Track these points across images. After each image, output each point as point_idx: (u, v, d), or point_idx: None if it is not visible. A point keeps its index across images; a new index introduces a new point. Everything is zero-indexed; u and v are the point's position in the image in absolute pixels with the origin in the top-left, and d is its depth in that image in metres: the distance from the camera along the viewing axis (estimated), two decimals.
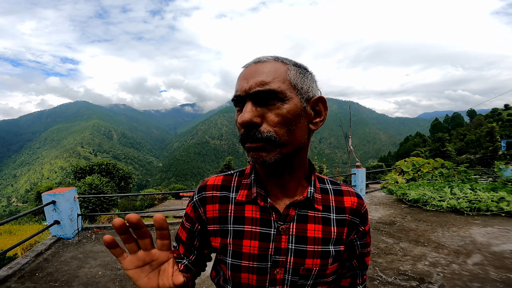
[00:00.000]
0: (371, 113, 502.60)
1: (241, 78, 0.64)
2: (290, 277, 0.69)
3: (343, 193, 0.77)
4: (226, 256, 0.71)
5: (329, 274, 0.72)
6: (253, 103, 0.62)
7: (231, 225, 0.71)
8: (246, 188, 0.74)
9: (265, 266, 0.68)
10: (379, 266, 3.66)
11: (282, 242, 0.69)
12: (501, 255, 3.83)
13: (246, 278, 0.69)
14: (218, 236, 0.73)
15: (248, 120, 0.60)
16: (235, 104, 0.67)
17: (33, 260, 4.03)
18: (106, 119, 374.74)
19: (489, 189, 7.11)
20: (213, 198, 0.75)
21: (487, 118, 63.93)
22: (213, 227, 0.73)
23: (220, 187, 0.76)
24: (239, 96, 0.63)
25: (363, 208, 0.77)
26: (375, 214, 6.36)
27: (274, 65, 0.63)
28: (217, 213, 0.73)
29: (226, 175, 0.79)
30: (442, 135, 43.63)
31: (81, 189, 15.46)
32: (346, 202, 0.75)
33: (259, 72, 0.62)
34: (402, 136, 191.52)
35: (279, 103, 0.61)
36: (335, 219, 0.73)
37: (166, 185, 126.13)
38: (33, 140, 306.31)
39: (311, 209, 0.72)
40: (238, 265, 0.69)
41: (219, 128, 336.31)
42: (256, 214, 0.71)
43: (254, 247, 0.69)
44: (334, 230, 0.72)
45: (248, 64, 0.66)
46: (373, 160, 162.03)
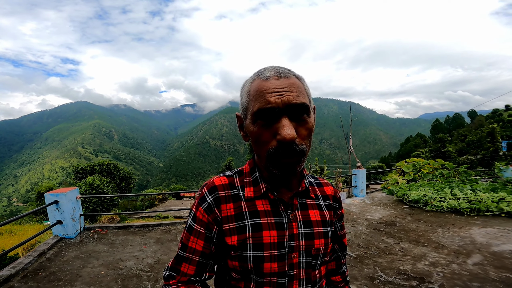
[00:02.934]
0: (371, 113, 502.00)
1: (269, 91, 0.66)
2: (304, 259, 0.77)
3: (322, 184, 0.92)
4: (246, 250, 0.74)
5: (328, 253, 0.84)
6: (289, 119, 0.66)
7: (248, 219, 0.76)
8: (251, 185, 0.80)
9: (283, 253, 0.75)
10: (379, 266, 3.68)
11: (294, 228, 0.77)
12: (501, 255, 3.85)
13: (269, 267, 0.74)
14: (234, 234, 0.75)
15: (294, 136, 0.64)
16: (258, 117, 0.68)
17: (36, 259, 4.05)
18: (107, 120, 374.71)
19: (489, 190, 7.13)
20: (226, 198, 0.78)
21: (488, 118, 63.83)
22: (229, 226, 0.76)
23: (229, 186, 0.81)
24: (272, 109, 0.65)
25: (337, 194, 0.93)
26: (375, 215, 6.37)
27: (295, 80, 0.69)
28: (232, 211, 0.77)
29: (228, 176, 0.83)
30: (442, 136, 43.59)
31: (82, 189, 15.45)
32: (326, 191, 0.90)
33: (292, 86, 0.67)
34: (403, 136, 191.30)
35: (307, 118, 0.69)
36: (324, 205, 0.86)
37: (166, 185, 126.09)
38: (34, 140, 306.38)
39: (308, 198, 0.83)
40: (260, 256, 0.74)
41: (220, 129, 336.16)
42: (267, 207, 0.77)
43: (273, 236, 0.75)
44: (326, 213, 0.85)
45: (269, 77, 0.68)
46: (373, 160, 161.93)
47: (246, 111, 0.73)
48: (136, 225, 5.84)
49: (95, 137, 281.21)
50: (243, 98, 0.74)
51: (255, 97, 0.68)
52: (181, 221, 6.29)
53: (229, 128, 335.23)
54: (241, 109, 0.76)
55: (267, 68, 0.72)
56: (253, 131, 0.70)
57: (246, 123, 0.73)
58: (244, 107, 0.74)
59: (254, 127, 0.69)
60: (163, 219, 13.51)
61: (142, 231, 5.57)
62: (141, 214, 17.79)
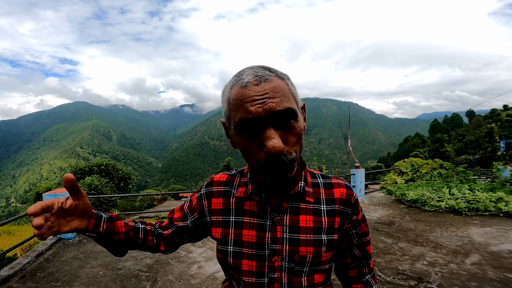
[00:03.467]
0: (370, 113, 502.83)
1: (249, 100, 0.60)
2: (286, 264, 0.74)
3: (332, 186, 0.81)
4: (228, 245, 0.78)
5: (324, 262, 0.76)
6: (274, 128, 0.61)
7: (233, 216, 0.79)
8: (244, 185, 0.80)
9: (263, 254, 0.74)
10: (378, 265, 3.69)
11: (278, 232, 0.74)
12: (499, 255, 3.87)
13: (247, 264, 0.75)
14: (219, 226, 0.80)
15: (280, 148, 0.59)
16: (240, 129, 0.63)
17: (34, 260, 4.04)
18: (105, 120, 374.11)
19: (487, 190, 7.15)
20: (218, 193, 0.83)
21: (486, 118, 64.03)
22: (216, 218, 0.82)
23: (224, 183, 0.85)
24: (254, 119, 0.60)
25: (353, 198, 0.81)
26: (374, 214, 6.38)
27: (278, 82, 0.63)
28: (221, 206, 0.82)
29: (230, 174, 0.87)
30: (441, 136, 43.67)
31: None
32: (335, 193, 0.79)
33: (274, 91, 0.61)
34: (401, 136, 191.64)
35: (294, 123, 0.63)
36: (325, 210, 0.77)
37: (165, 185, 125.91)
38: (32, 140, 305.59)
39: (302, 201, 0.77)
40: (239, 252, 0.76)
41: (219, 129, 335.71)
42: (253, 208, 0.77)
43: (252, 236, 0.75)
44: (325, 220, 0.76)
45: (248, 83, 0.62)
46: (372, 160, 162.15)
47: (228, 120, 0.68)
48: None
49: (93, 137, 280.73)
50: (224, 107, 0.69)
51: (235, 106, 0.62)
52: None
53: None
54: (225, 117, 0.71)
55: (246, 72, 0.65)
56: (239, 142, 0.66)
57: (231, 133, 0.69)
58: (226, 116, 0.69)
59: (239, 138, 0.65)
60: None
61: None
62: (140, 215, 17.74)
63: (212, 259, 4.08)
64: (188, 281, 3.49)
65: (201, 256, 4.21)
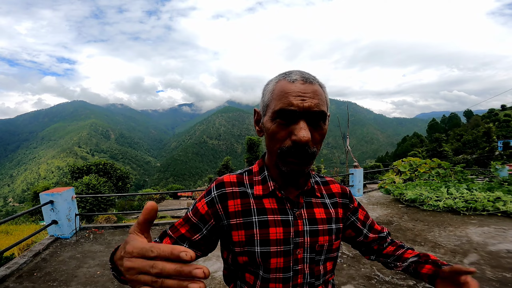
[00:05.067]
0: (369, 113, 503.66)
1: (293, 94, 0.69)
2: (308, 255, 0.81)
3: (328, 183, 0.94)
4: (254, 246, 0.77)
5: (335, 250, 0.87)
6: (306, 122, 0.70)
7: (255, 216, 0.79)
8: (260, 184, 0.83)
9: (289, 249, 0.78)
10: (376, 265, 3.69)
11: (299, 225, 0.80)
12: (497, 254, 3.87)
13: (275, 262, 0.78)
14: (241, 229, 0.79)
15: (308, 139, 0.68)
16: (278, 116, 0.71)
17: (31, 260, 4.02)
18: (104, 119, 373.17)
19: (485, 189, 7.16)
20: (233, 194, 0.82)
21: (484, 118, 64.26)
22: (236, 221, 0.79)
23: (237, 183, 0.85)
24: (293, 111, 0.69)
25: (347, 191, 0.96)
26: (372, 214, 6.38)
27: (319, 88, 0.73)
28: (240, 207, 0.80)
29: (238, 174, 0.88)
30: (439, 136, 43.84)
31: (78, 189, 15.36)
32: (333, 189, 0.93)
33: (314, 93, 0.70)
34: (400, 136, 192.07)
35: (323, 124, 0.73)
36: (330, 203, 0.89)
37: (164, 185, 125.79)
38: (30, 139, 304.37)
39: (313, 196, 0.86)
40: (267, 252, 0.77)
41: (217, 128, 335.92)
42: (274, 205, 0.81)
43: (279, 233, 0.78)
44: (332, 211, 0.87)
45: (295, 80, 0.71)
46: (370, 160, 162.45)
47: (266, 108, 0.76)
48: (132, 225, 5.81)
49: (91, 136, 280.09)
50: (265, 96, 0.77)
51: (279, 96, 0.71)
52: (176, 221, 6.27)
53: (227, 128, 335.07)
54: (261, 106, 0.80)
55: (294, 72, 0.75)
56: (271, 127, 0.73)
57: (265, 120, 0.77)
58: (265, 104, 0.77)
59: (272, 124, 0.73)
60: (160, 218, 13.45)
61: None
62: (138, 214, 17.70)
63: (210, 259, 4.07)
64: None
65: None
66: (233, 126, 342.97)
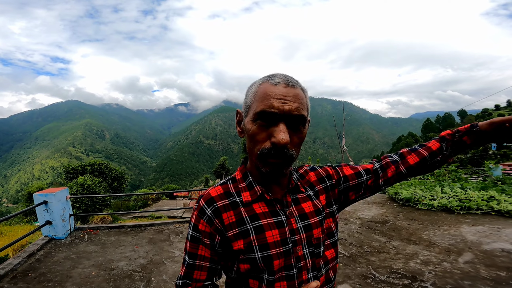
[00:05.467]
0: (364, 113, 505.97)
1: (274, 97, 0.71)
2: (307, 250, 0.82)
3: (304, 175, 0.95)
4: (254, 252, 0.79)
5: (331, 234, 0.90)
6: (286, 125, 0.71)
7: (249, 224, 0.81)
8: (246, 190, 0.85)
9: (288, 248, 0.80)
10: (372, 264, 3.70)
11: (293, 224, 0.82)
12: (492, 253, 3.90)
13: (278, 264, 0.79)
14: (240, 238, 0.80)
15: (287, 141, 0.69)
16: (259, 118, 0.73)
17: (25, 260, 3.98)
18: (99, 119, 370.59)
19: (479, 188, 7.22)
20: (225, 207, 0.83)
21: (478, 118, 64.83)
22: (233, 232, 0.81)
23: (224, 194, 0.85)
24: (272, 114, 0.71)
25: (325, 172, 0.97)
26: (368, 213, 6.42)
27: (301, 92, 0.75)
28: (234, 218, 0.82)
29: (222, 185, 0.89)
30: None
31: (73, 190, 15.23)
32: (310, 178, 0.94)
33: (295, 97, 0.72)
34: (395, 136, 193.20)
35: (303, 128, 0.75)
36: (313, 194, 0.90)
37: (160, 185, 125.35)
38: (24, 140, 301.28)
39: (298, 192, 0.88)
40: (268, 255, 0.78)
41: (214, 128, 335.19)
42: (264, 209, 0.82)
43: (276, 235, 0.80)
44: (316, 202, 0.89)
45: (278, 83, 0.73)
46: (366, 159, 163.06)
47: (248, 109, 0.78)
48: (128, 225, 5.78)
49: (86, 136, 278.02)
50: (248, 97, 0.79)
51: (261, 98, 0.73)
52: (174, 221, 6.25)
53: (223, 128, 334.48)
54: (244, 107, 0.81)
55: (277, 75, 0.77)
56: (251, 129, 0.75)
57: (246, 121, 0.78)
58: (247, 105, 0.79)
59: (252, 125, 0.75)
60: (156, 219, 13.40)
61: (134, 231, 5.52)
62: (134, 214, 17.63)
63: None
64: None
65: None
66: (230, 126, 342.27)
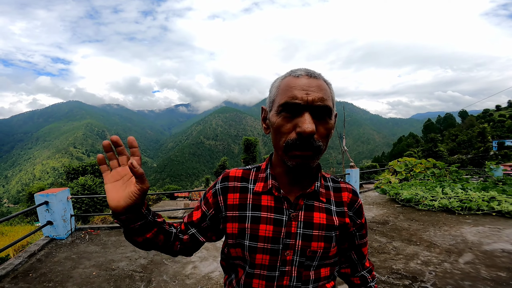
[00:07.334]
0: (365, 113, 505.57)
1: (298, 88, 0.71)
2: (298, 258, 0.80)
3: (341, 190, 0.90)
4: (244, 239, 0.80)
5: (331, 257, 0.84)
6: (311, 115, 0.70)
7: (249, 211, 0.82)
8: (263, 181, 0.85)
9: (277, 248, 0.79)
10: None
11: (292, 227, 0.80)
12: (492, 254, 3.90)
13: (261, 258, 0.79)
14: (236, 222, 0.83)
15: (312, 130, 0.68)
16: (283, 110, 0.72)
17: (26, 260, 3.99)
18: (99, 119, 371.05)
19: (480, 189, 7.22)
20: (234, 188, 0.86)
21: (479, 118, 64.81)
22: (232, 213, 0.84)
23: (240, 178, 0.88)
24: (296, 104, 0.70)
25: (357, 204, 0.90)
26: (368, 214, 6.41)
27: (324, 84, 0.74)
28: (237, 201, 0.84)
29: (245, 169, 0.91)
30: (434, 136, 44.05)
31: (73, 190, 15.22)
32: (343, 197, 0.89)
33: (319, 88, 0.71)
34: (396, 136, 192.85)
35: (328, 119, 0.73)
36: (335, 211, 0.85)
37: (160, 185, 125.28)
38: (25, 140, 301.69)
39: (317, 200, 0.84)
40: (254, 247, 0.79)
41: (214, 129, 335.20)
42: (270, 203, 0.82)
43: (269, 231, 0.79)
44: (336, 219, 0.84)
45: (300, 75, 0.73)
46: (367, 160, 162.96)
47: (272, 103, 0.78)
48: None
49: (87, 137, 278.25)
50: (272, 92, 0.79)
51: (284, 91, 0.73)
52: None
53: (224, 128, 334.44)
54: (268, 102, 0.81)
55: (300, 68, 0.76)
56: (276, 121, 0.74)
57: (270, 115, 0.78)
58: (271, 100, 0.79)
59: (277, 118, 0.74)
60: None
61: None
62: None
63: (207, 259, 4.06)
64: (183, 281, 3.47)
65: (196, 256, 4.18)
66: (230, 127, 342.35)
